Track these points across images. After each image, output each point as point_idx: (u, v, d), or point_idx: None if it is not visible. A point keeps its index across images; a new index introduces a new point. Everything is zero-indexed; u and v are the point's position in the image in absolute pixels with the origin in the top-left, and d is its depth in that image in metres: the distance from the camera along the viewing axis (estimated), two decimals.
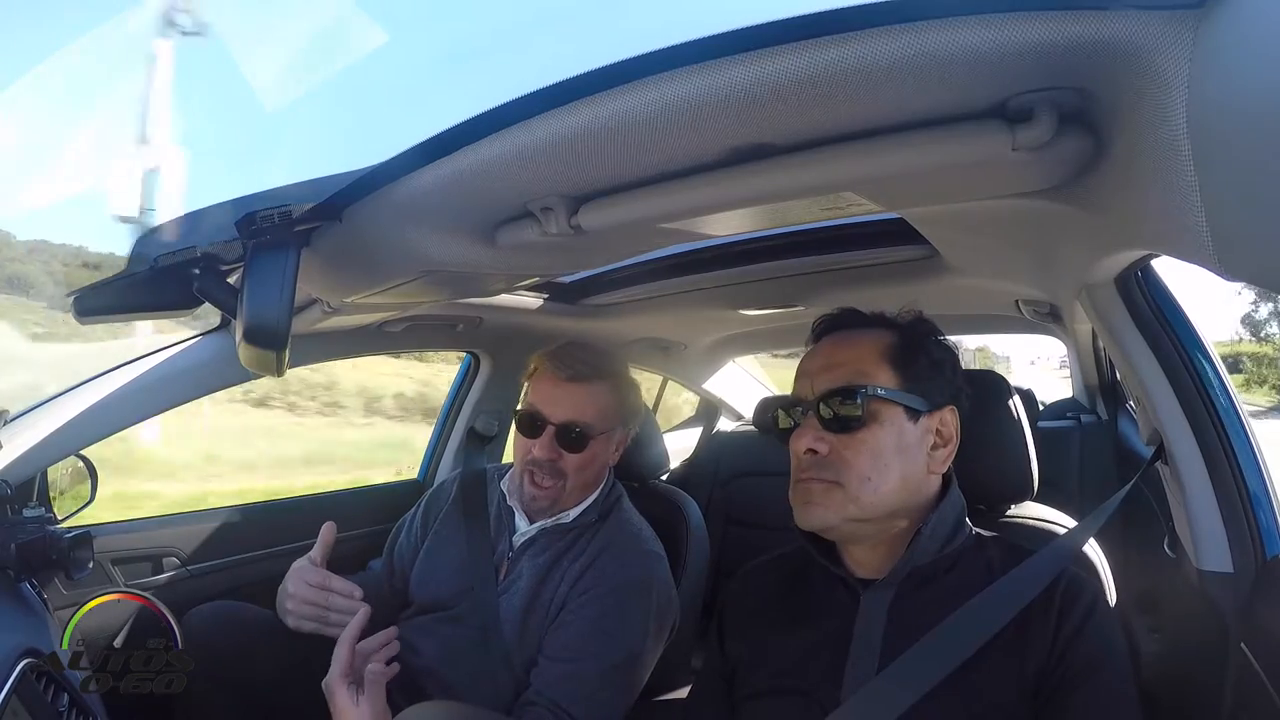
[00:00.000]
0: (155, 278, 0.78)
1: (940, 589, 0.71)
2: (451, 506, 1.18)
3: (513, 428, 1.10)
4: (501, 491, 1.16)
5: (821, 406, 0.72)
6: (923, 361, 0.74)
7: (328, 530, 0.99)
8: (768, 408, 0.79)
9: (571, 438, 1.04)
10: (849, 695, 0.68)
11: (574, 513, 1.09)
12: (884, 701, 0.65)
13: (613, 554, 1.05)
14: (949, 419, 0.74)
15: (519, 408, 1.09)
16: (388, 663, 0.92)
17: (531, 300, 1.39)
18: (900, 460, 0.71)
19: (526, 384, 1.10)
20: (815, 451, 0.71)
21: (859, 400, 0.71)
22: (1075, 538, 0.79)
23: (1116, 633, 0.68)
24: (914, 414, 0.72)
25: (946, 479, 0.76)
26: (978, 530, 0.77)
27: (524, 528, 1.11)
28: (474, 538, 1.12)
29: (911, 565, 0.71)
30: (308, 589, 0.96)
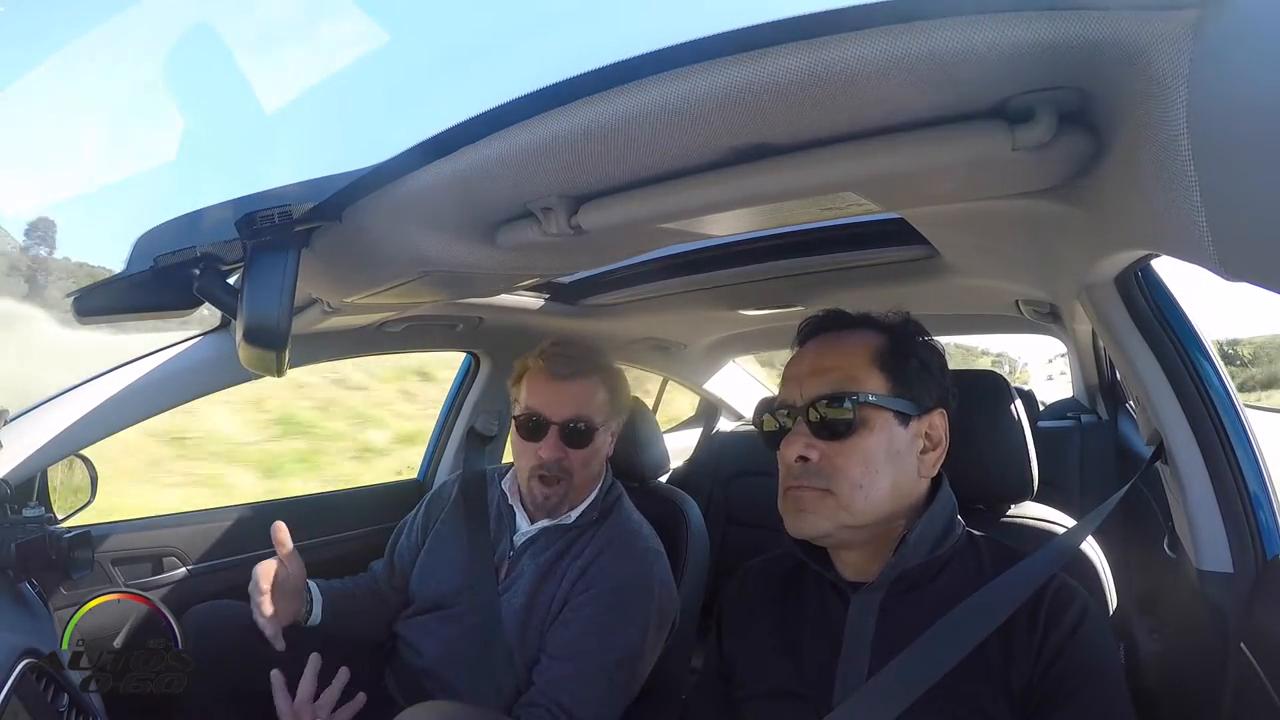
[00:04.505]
0: (155, 278, 0.78)
1: (930, 592, 0.70)
2: (452, 507, 1.18)
3: (512, 431, 1.10)
4: (502, 491, 1.16)
5: (810, 412, 0.71)
6: (913, 365, 0.73)
7: (278, 530, 0.98)
8: (766, 408, 0.79)
9: (576, 435, 1.05)
10: (841, 699, 0.68)
11: (575, 513, 1.09)
12: (874, 707, 0.65)
13: (613, 553, 1.05)
14: (938, 422, 0.73)
15: (516, 413, 1.08)
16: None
17: (531, 300, 1.39)
18: (891, 466, 0.70)
19: (518, 387, 1.10)
20: (806, 459, 0.70)
21: (849, 406, 0.70)
22: (1070, 540, 0.78)
23: (1108, 643, 0.67)
24: (904, 419, 0.71)
25: (936, 480, 0.75)
26: (970, 531, 0.76)
27: (525, 527, 1.11)
28: (474, 537, 1.12)
29: (900, 569, 0.71)
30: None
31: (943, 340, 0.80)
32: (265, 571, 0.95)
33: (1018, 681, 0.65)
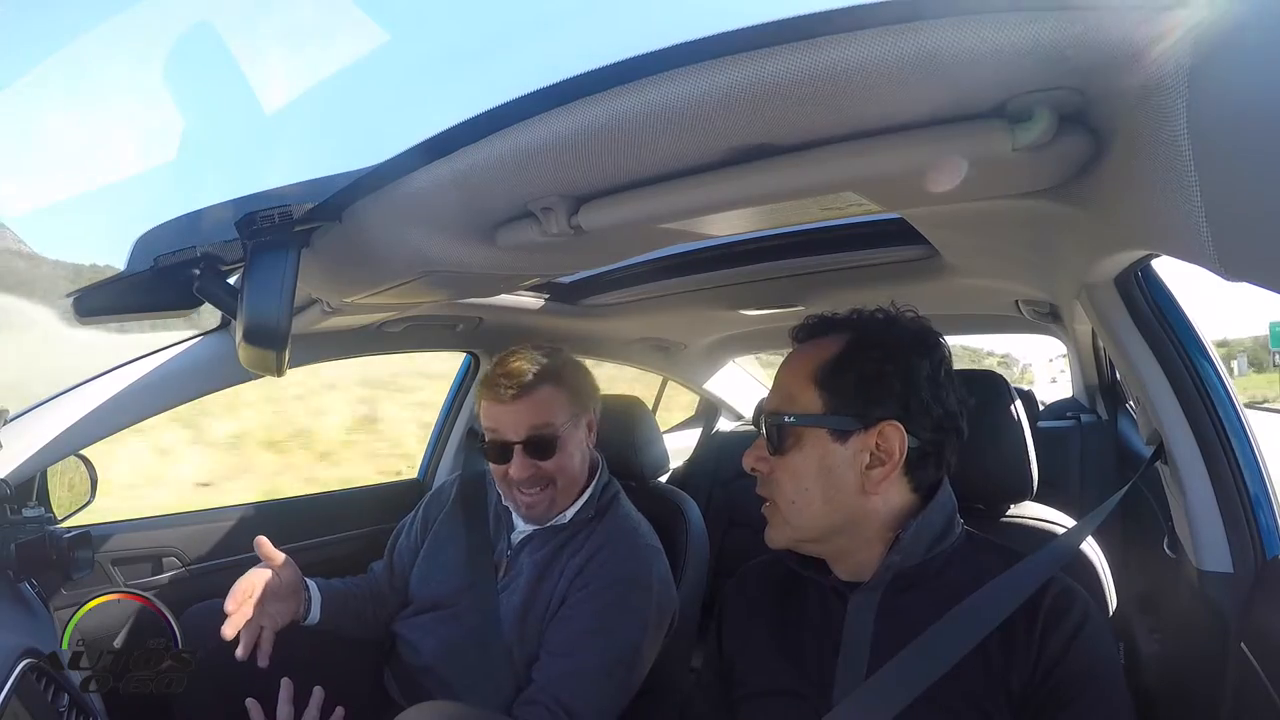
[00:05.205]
0: (155, 278, 0.78)
1: (929, 592, 0.70)
2: (451, 507, 1.18)
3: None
4: (499, 492, 1.16)
5: (763, 427, 0.75)
6: (851, 379, 0.70)
7: (261, 545, 0.98)
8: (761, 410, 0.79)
9: (540, 447, 1.04)
10: (840, 699, 0.68)
11: (570, 512, 1.09)
12: (873, 706, 0.64)
13: (612, 549, 1.05)
14: (890, 434, 0.69)
15: (484, 441, 1.08)
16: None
17: (531, 300, 1.39)
18: (822, 483, 0.70)
19: (479, 414, 1.10)
20: (757, 470, 0.75)
21: (779, 425, 0.72)
22: (1070, 540, 0.78)
23: (1109, 647, 0.67)
24: (841, 435, 0.70)
25: (937, 481, 0.74)
26: (970, 531, 0.76)
27: (522, 526, 1.11)
28: (473, 537, 1.12)
29: (897, 568, 0.71)
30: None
31: (952, 341, 0.77)
32: (237, 592, 0.94)
33: (1017, 683, 0.65)
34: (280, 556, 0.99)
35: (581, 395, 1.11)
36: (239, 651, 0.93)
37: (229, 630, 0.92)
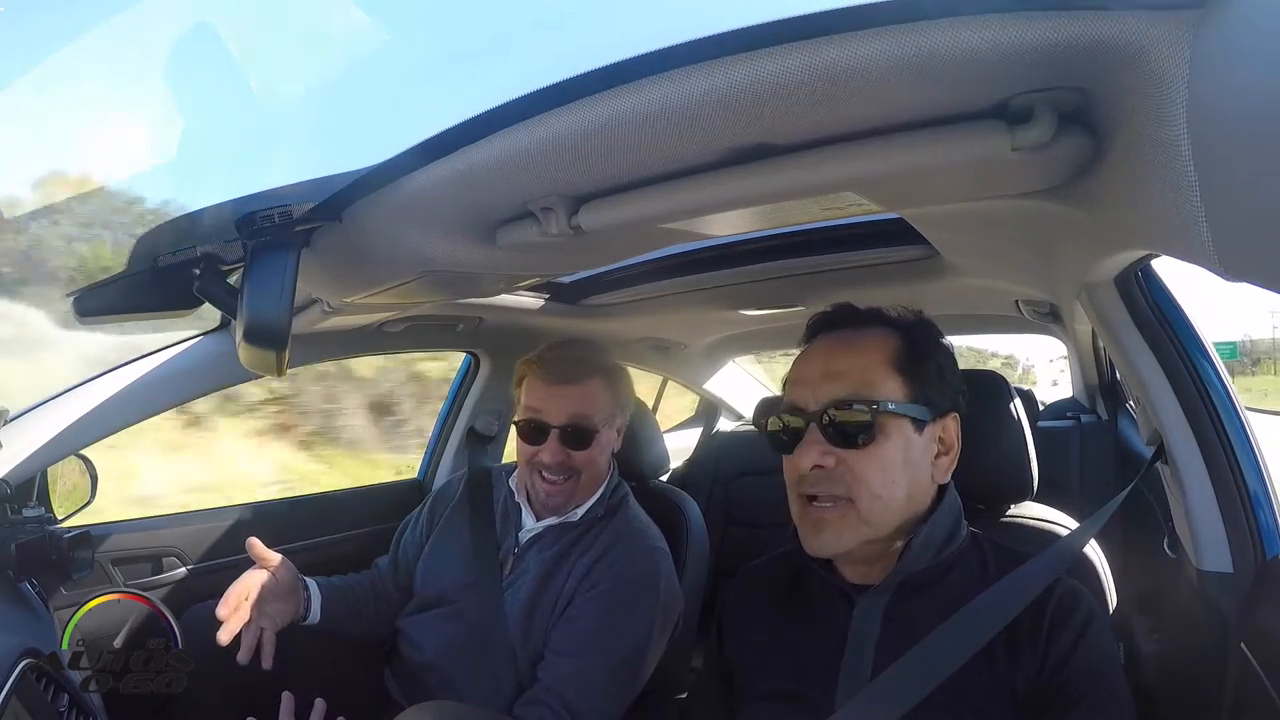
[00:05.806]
0: (156, 278, 0.78)
1: (935, 595, 0.70)
2: (458, 503, 1.19)
3: (512, 431, 1.10)
4: (510, 488, 1.16)
5: (825, 418, 0.68)
6: (931, 368, 0.71)
7: (253, 546, 0.99)
8: (767, 409, 0.76)
9: (576, 437, 1.05)
10: (843, 701, 0.68)
11: (581, 510, 1.09)
12: (877, 709, 0.64)
13: (621, 549, 1.05)
14: (951, 426, 0.72)
15: (517, 417, 1.09)
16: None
17: (531, 300, 1.39)
18: (907, 474, 0.69)
19: (519, 390, 1.11)
20: (822, 466, 0.68)
21: (868, 413, 0.67)
22: (1073, 542, 0.78)
23: (1112, 647, 0.67)
24: (919, 424, 0.69)
25: (943, 484, 0.75)
26: (974, 533, 0.76)
27: (530, 524, 1.11)
28: (479, 533, 1.13)
29: (905, 572, 0.70)
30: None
31: (955, 341, 0.79)
32: (230, 597, 0.94)
33: (1022, 683, 0.65)
34: (274, 557, 0.99)
35: (621, 398, 1.12)
36: (240, 655, 0.92)
37: (224, 636, 0.91)
